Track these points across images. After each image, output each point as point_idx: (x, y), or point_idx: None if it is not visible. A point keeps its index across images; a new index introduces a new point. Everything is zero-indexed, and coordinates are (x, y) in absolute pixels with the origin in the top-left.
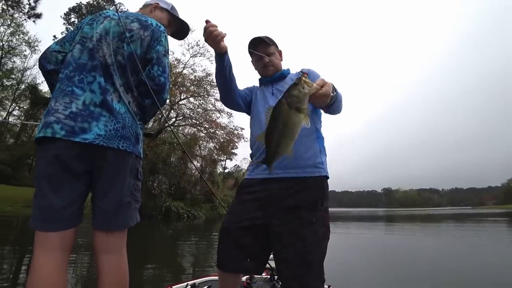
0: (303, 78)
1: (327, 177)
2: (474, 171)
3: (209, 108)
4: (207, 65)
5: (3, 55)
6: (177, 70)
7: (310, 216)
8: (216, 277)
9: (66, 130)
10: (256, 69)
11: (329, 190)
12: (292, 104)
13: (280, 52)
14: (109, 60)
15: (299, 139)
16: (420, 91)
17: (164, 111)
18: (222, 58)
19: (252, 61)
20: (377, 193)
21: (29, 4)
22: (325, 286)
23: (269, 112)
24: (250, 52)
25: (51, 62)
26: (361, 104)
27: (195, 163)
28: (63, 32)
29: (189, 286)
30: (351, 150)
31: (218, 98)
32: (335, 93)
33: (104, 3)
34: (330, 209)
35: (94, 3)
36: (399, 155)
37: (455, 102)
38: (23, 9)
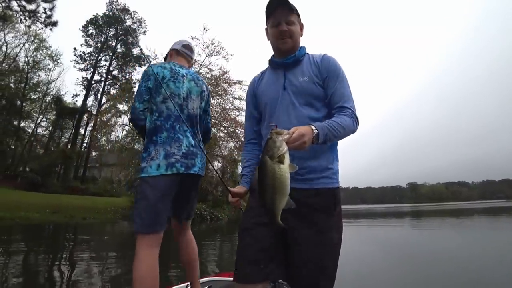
0: (273, 131)
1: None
2: (507, 161)
3: (227, 107)
4: (223, 63)
5: (29, 70)
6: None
7: (325, 222)
8: (217, 278)
9: (185, 167)
10: (269, 38)
11: (342, 195)
12: (273, 156)
13: (301, 26)
14: (195, 112)
15: (315, 151)
16: (442, 78)
17: None
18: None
19: (266, 28)
20: (401, 188)
21: (45, 12)
22: None
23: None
24: (267, 14)
25: (141, 120)
26: (380, 94)
27: (216, 163)
28: (82, 44)
29: (189, 286)
30: (371, 143)
31: (236, 96)
32: (316, 131)
33: (119, 14)
34: (353, 207)
35: (110, 13)
36: (423, 147)
37: (482, 87)
38: (39, 18)
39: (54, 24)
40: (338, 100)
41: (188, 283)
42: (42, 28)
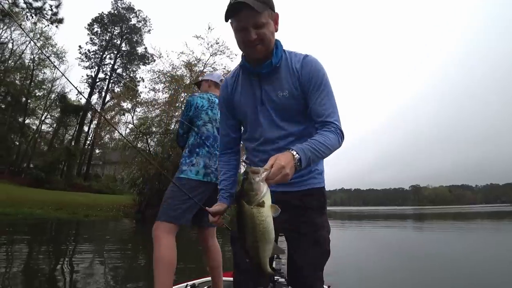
0: (249, 170)
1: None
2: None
3: None
4: (227, 63)
5: (34, 67)
6: (198, 69)
7: (320, 220)
8: None
9: (216, 178)
10: (236, 39)
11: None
12: (251, 200)
13: (276, 18)
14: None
15: None
16: (446, 79)
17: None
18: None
19: (232, 27)
20: (404, 190)
21: (51, 10)
22: (324, 286)
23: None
24: (227, 19)
25: (182, 142)
26: (382, 95)
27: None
28: (87, 42)
29: (189, 286)
30: (374, 145)
31: None
32: (298, 156)
33: (124, 12)
34: (355, 208)
35: (115, 12)
36: (426, 149)
37: (485, 89)
38: (45, 15)
39: (60, 21)
40: (321, 113)
41: (188, 283)
42: (48, 25)
